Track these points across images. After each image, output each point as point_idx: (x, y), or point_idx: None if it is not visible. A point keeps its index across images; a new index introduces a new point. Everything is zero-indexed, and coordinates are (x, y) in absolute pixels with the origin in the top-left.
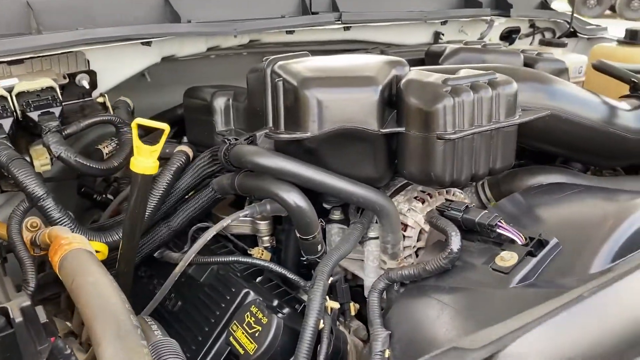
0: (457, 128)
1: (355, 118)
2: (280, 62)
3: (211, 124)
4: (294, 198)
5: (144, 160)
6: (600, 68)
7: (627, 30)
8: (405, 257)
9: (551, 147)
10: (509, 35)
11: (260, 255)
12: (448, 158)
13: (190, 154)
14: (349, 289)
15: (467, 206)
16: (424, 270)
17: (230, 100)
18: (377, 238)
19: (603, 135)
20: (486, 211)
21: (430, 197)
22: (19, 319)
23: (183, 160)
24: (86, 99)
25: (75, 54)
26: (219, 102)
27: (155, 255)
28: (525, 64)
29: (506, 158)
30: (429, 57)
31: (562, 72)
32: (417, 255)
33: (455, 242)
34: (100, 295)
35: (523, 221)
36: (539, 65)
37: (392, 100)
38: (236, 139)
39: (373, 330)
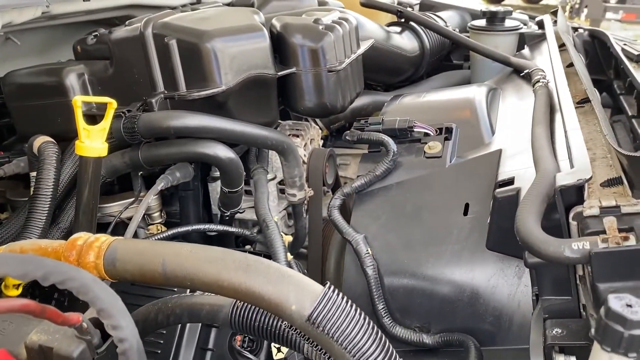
0: (339, 60)
1: (257, 64)
2: (161, 21)
3: (67, 106)
4: (224, 152)
5: (94, 142)
6: (368, 4)
7: None
8: None
9: None
10: None
11: (158, 230)
12: (337, 87)
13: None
14: None
15: (382, 119)
16: (375, 176)
17: (86, 76)
18: (273, 179)
19: (392, 55)
20: (399, 118)
21: (303, 132)
22: None
23: (57, 151)
24: None
25: None
26: (72, 80)
27: None
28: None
29: (361, 82)
30: None
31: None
32: None
33: (392, 144)
34: (217, 256)
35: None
36: (329, 6)
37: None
38: (129, 111)
39: (351, 237)
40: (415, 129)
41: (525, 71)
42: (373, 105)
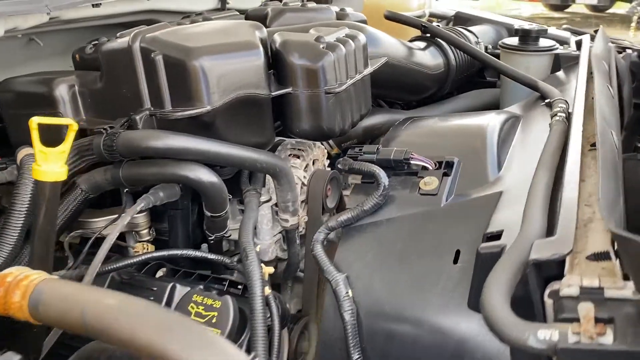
0: (339, 81)
1: (248, 84)
2: (149, 35)
3: (56, 117)
4: (206, 176)
5: (51, 165)
6: (392, 17)
7: None
8: None
9: (375, 89)
10: None
11: (144, 249)
12: (336, 110)
13: None
14: None
15: (377, 148)
16: (362, 211)
17: (76, 87)
18: (268, 201)
19: (412, 73)
20: (395, 148)
21: (304, 152)
22: None
23: None
24: None
25: None
26: (62, 91)
27: None
28: (337, 18)
29: (367, 103)
30: (252, 20)
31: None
32: None
33: (384, 177)
34: (140, 312)
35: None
36: (348, 19)
37: (268, 62)
38: (112, 127)
39: (331, 277)
40: (412, 161)
41: (547, 100)
42: (388, 124)
